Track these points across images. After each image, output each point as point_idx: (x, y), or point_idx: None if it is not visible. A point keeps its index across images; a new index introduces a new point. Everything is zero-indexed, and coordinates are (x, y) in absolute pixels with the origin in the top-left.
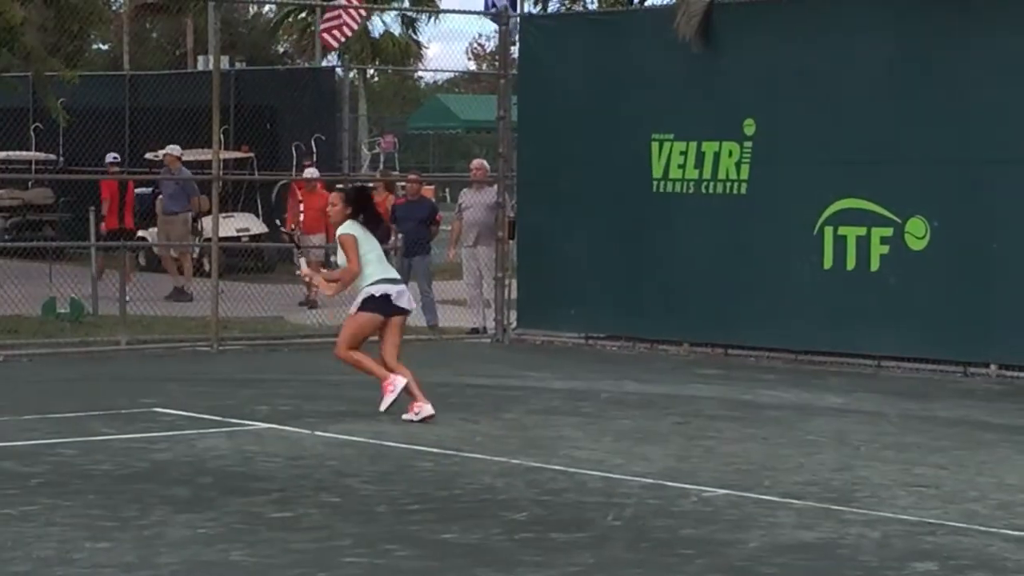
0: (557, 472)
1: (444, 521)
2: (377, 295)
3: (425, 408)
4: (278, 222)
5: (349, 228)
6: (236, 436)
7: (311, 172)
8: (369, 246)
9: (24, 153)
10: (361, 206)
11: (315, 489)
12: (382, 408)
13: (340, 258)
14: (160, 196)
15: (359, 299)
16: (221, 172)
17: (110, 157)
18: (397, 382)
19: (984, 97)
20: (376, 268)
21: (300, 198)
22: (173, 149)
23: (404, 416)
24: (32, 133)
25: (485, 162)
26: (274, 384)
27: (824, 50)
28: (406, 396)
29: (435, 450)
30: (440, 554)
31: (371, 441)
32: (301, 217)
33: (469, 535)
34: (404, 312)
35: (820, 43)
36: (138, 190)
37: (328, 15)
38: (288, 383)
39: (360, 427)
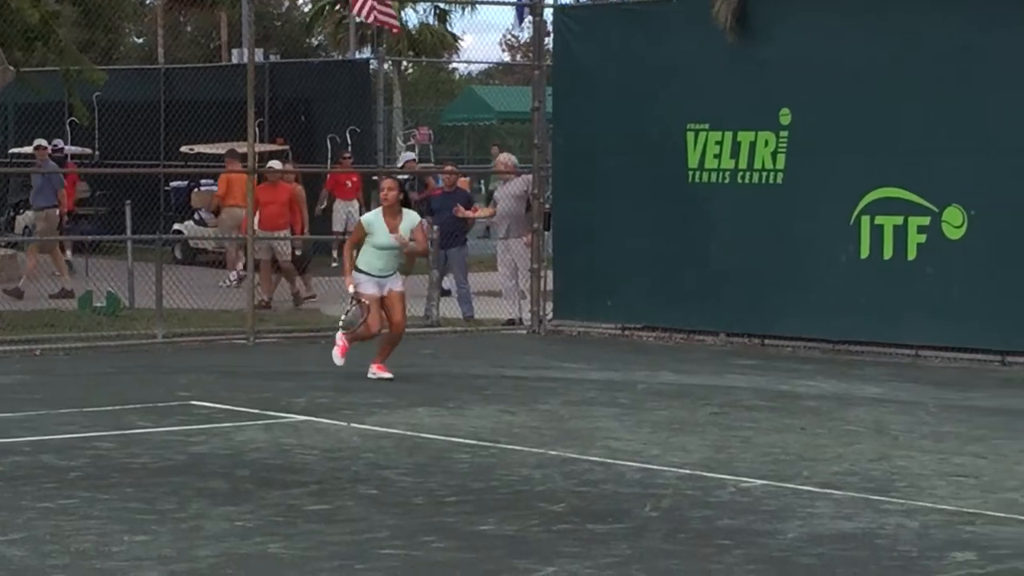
0: (594, 463)
1: (481, 513)
2: None
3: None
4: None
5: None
6: (273, 429)
7: (275, 164)
8: None
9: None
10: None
11: (352, 481)
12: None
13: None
14: (195, 189)
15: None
16: (256, 165)
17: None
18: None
19: (1021, 86)
20: None
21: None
22: (41, 141)
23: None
24: (68, 127)
25: (509, 155)
26: (311, 377)
27: (860, 38)
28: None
29: (472, 442)
30: (477, 546)
31: (408, 433)
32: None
33: (506, 526)
34: None
35: (856, 31)
36: (173, 183)
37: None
38: (325, 376)
39: (397, 419)
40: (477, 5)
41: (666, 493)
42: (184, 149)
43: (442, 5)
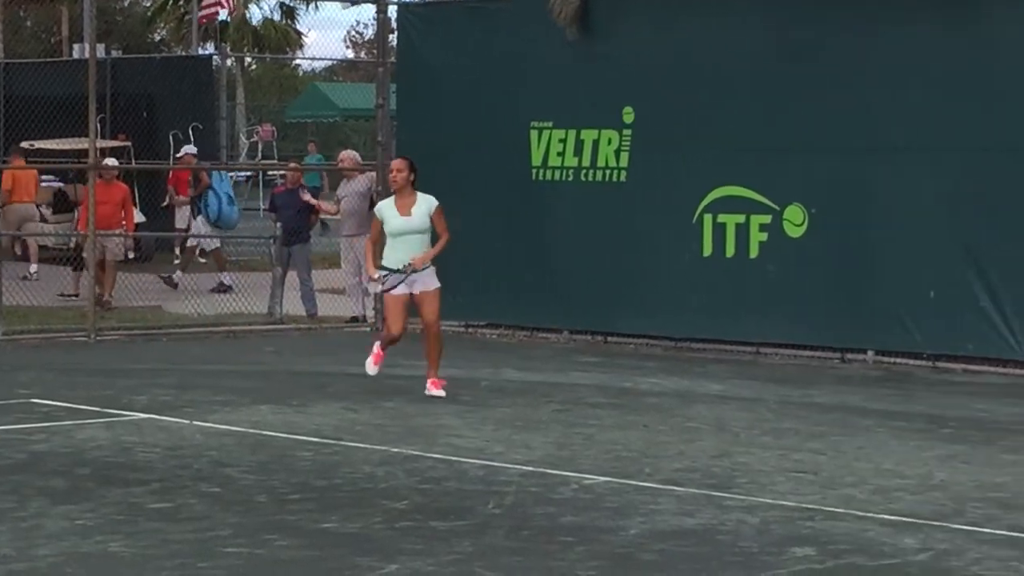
0: (437, 460)
1: (324, 510)
2: None
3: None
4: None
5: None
6: (114, 427)
7: (110, 161)
8: None
9: None
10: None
11: (194, 479)
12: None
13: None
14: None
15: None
16: (96, 161)
17: None
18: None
19: (862, 86)
20: None
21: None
22: None
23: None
24: None
25: (353, 152)
26: (152, 374)
27: (702, 37)
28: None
29: (315, 439)
30: (320, 543)
31: (250, 431)
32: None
33: (349, 524)
34: None
35: (698, 30)
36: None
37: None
38: (166, 373)
39: (239, 417)
40: (320, 2)
41: (509, 490)
42: (24, 145)
43: (288, 1)
